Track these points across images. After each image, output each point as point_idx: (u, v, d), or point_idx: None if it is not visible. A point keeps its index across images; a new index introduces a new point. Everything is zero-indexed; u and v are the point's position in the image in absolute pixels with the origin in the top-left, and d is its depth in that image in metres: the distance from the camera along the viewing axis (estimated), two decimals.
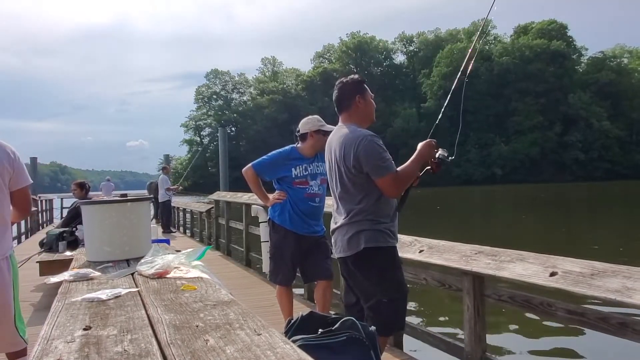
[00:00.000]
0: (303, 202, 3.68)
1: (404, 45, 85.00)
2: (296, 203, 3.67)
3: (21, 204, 2.75)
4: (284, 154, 3.75)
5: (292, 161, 3.70)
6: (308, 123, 3.72)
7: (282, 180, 3.73)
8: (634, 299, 1.94)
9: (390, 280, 2.65)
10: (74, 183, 6.78)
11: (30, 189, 2.80)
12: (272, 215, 3.82)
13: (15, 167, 2.60)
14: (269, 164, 3.75)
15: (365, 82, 2.82)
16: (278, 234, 3.78)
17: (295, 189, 3.68)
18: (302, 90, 79.28)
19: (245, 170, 3.80)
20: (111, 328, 1.47)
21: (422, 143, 2.71)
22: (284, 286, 3.87)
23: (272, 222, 3.82)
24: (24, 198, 2.74)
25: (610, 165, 67.70)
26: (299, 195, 3.67)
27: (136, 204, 3.04)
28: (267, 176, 3.78)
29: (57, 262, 5.24)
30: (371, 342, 2.11)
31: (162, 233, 11.53)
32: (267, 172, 3.76)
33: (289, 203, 3.69)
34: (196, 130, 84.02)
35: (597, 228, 17.35)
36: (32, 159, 24.04)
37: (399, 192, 2.62)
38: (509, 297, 2.74)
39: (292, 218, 3.68)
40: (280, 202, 3.71)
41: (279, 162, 3.73)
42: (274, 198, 3.76)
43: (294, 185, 3.68)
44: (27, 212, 2.88)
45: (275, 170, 3.73)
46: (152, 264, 2.39)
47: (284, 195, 3.70)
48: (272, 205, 3.81)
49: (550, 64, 70.67)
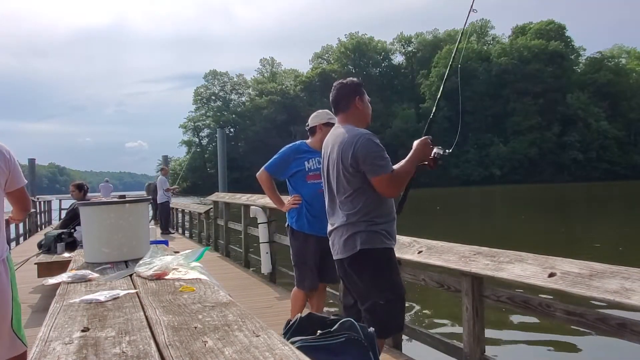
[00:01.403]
0: (318, 198, 3.52)
1: (403, 46, 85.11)
2: (311, 203, 3.59)
3: (21, 204, 2.74)
4: (294, 147, 3.70)
5: (303, 154, 3.64)
6: (317, 116, 3.69)
7: (296, 176, 3.65)
8: (633, 300, 1.94)
9: (386, 281, 2.64)
10: (73, 184, 6.77)
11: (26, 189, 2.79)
12: (290, 221, 3.74)
13: (12, 168, 2.57)
14: (281, 161, 3.69)
15: (363, 85, 2.83)
16: (298, 240, 3.72)
17: (309, 185, 3.60)
18: (301, 91, 79.30)
19: (259, 174, 3.75)
20: (109, 329, 1.47)
21: (418, 141, 2.70)
22: (310, 290, 3.79)
23: (291, 228, 3.74)
24: (22, 198, 2.72)
25: (609, 166, 67.82)
26: (313, 192, 3.58)
27: (134, 205, 3.05)
28: (281, 175, 3.71)
29: (56, 264, 5.23)
30: (370, 343, 2.11)
31: (160, 234, 11.50)
32: (281, 170, 3.69)
33: (304, 207, 3.63)
34: (195, 131, 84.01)
35: (595, 228, 17.36)
36: (31, 160, 24.04)
37: (395, 191, 2.61)
38: (507, 298, 2.74)
39: (310, 221, 3.61)
40: (297, 207, 3.64)
41: (290, 157, 3.67)
42: (289, 203, 3.69)
43: (308, 180, 3.60)
44: (27, 210, 2.88)
45: (288, 166, 3.66)
46: (150, 265, 2.39)
47: (299, 199, 3.63)
48: (288, 210, 3.73)
49: (549, 65, 70.76)
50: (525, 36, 74.90)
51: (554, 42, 71.83)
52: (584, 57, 78.29)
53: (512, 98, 71.13)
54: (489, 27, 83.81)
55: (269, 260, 6.50)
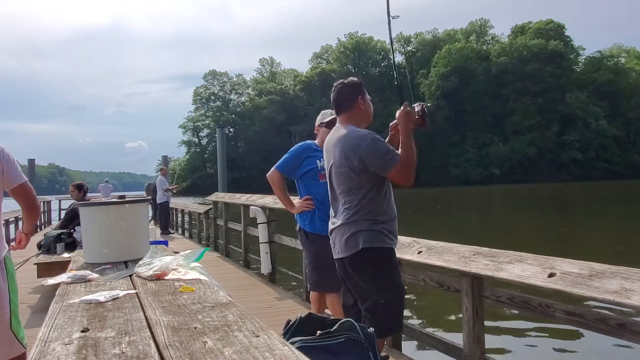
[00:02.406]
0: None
1: (402, 46, 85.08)
2: (324, 203, 3.44)
3: (25, 201, 2.63)
4: (305, 146, 3.65)
5: (315, 153, 3.58)
6: (317, 120, 3.67)
7: (308, 175, 3.57)
8: (633, 300, 1.94)
9: (387, 281, 2.64)
10: (72, 185, 6.76)
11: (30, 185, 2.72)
12: (303, 224, 3.64)
13: (6, 165, 2.48)
14: (294, 159, 3.61)
15: (364, 84, 2.82)
16: (314, 242, 3.59)
17: (322, 184, 3.46)
18: (300, 90, 79.29)
19: (270, 175, 3.65)
20: (109, 330, 1.47)
21: (398, 113, 2.66)
22: (337, 293, 3.54)
23: (304, 231, 3.63)
24: (25, 194, 2.61)
25: (608, 165, 67.93)
26: (326, 190, 3.33)
27: (134, 205, 3.04)
28: (293, 174, 3.62)
29: (55, 264, 5.22)
30: (370, 343, 2.11)
31: (160, 234, 11.50)
32: (293, 168, 3.61)
33: (316, 207, 3.54)
34: (194, 131, 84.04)
35: (595, 228, 17.36)
36: (30, 161, 24.06)
37: (410, 177, 2.58)
38: (507, 298, 2.74)
39: (324, 223, 3.41)
40: (309, 210, 3.55)
41: (302, 155, 3.60)
42: (300, 205, 3.59)
43: (321, 179, 3.49)
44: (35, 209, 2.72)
45: (301, 164, 3.59)
46: (150, 265, 2.39)
47: (312, 203, 3.55)
48: (299, 213, 3.63)
49: (548, 64, 70.84)
50: (524, 36, 74.95)
51: (553, 41, 71.91)
52: (583, 56, 78.54)
53: (512, 98, 71.20)
54: (488, 26, 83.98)
55: (268, 260, 6.49)
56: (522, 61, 71.16)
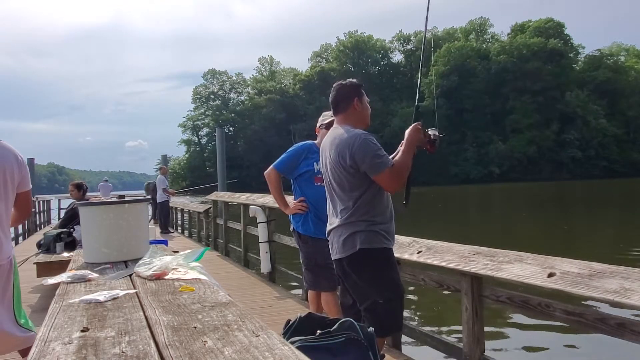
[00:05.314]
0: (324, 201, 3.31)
1: (401, 44, 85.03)
2: (317, 206, 3.48)
3: (24, 207, 2.78)
4: (305, 147, 3.64)
5: (314, 154, 3.55)
6: (318, 121, 3.65)
7: (304, 176, 3.57)
8: (632, 300, 1.94)
9: (386, 281, 2.64)
10: (72, 184, 6.75)
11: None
12: (296, 225, 3.65)
13: (23, 172, 2.68)
14: (292, 159, 3.60)
15: (363, 87, 2.82)
16: (307, 244, 3.61)
17: (316, 187, 3.50)
18: (300, 89, 79.23)
19: (267, 173, 3.66)
20: (109, 330, 1.47)
21: (409, 129, 2.69)
22: (332, 292, 3.56)
23: (297, 232, 3.64)
24: (26, 201, 2.76)
25: (608, 164, 67.95)
26: (320, 195, 3.39)
27: (134, 205, 3.04)
28: (290, 173, 3.62)
29: (55, 264, 5.22)
30: (369, 343, 2.11)
31: (160, 234, 11.51)
32: (290, 168, 3.61)
33: (309, 210, 3.55)
34: (194, 130, 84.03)
35: (595, 226, 17.37)
36: (30, 160, 24.03)
37: (398, 185, 2.60)
38: (507, 297, 2.74)
39: (316, 224, 3.51)
40: (302, 213, 3.56)
41: (301, 155, 3.59)
42: (294, 207, 3.59)
43: (316, 182, 3.51)
44: (28, 215, 2.93)
45: (298, 164, 3.58)
46: (150, 265, 2.39)
47: (305, 206, 3.55)
48: (293, 214, 3.64)
49: (548, 63, 70.80)
50: (524, 34, 74.92)
51: (553, 40, 71.88)
52: (583, 55, 78.58)
53: (511, 96, 71.16)
54: (488, 25, 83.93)
55: (268, 259, 6.50)
56: (522, 60, 71.10)
